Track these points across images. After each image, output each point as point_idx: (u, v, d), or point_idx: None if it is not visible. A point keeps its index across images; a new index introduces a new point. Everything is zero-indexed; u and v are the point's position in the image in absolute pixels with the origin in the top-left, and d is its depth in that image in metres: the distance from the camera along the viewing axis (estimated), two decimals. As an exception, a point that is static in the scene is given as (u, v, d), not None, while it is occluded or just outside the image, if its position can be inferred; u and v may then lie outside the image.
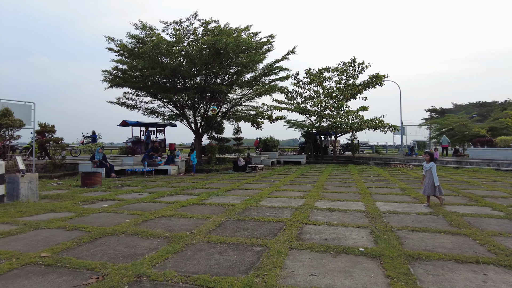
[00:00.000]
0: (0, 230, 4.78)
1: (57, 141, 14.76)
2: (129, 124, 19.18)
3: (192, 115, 19.11)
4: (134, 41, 16.41)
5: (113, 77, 16.99)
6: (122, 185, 10.59)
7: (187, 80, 17.74)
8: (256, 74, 18.76)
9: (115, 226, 5.07)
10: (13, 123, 11.47)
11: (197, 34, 16.85)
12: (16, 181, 7.05)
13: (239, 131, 22.32)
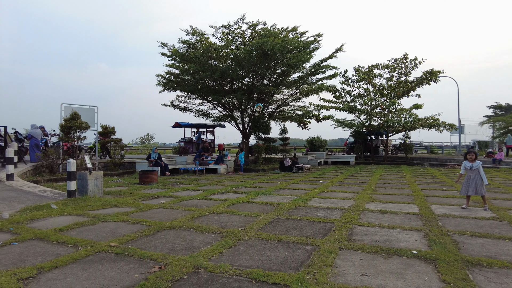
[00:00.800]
0: (75, 221, 5.37)
1: (117, 142, 15.97)
2: (182, 125, 20.13)
3: (239, 116, 19.58)
4: (185, 46, 17.23)
5: (167, 81, 17.98)
6: (176, 183, 11.20)
7: (235, 82, 18.22)
8: (303, 73, 18.72)
9: (173, 221, 5.44)
10: (80, 125, 12.63)
11: (245, 37, 17.23)
12: (85, 178, 7.80)
13: (285, 131, 22.39)
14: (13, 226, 5.00)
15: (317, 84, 19.62)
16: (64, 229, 4.90)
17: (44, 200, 7.24)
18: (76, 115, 12.57)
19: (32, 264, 3.47)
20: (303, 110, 21.20)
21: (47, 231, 4.75)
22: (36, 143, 12.93)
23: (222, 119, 20.31)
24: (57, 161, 12.52)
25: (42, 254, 3.81)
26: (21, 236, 4.51)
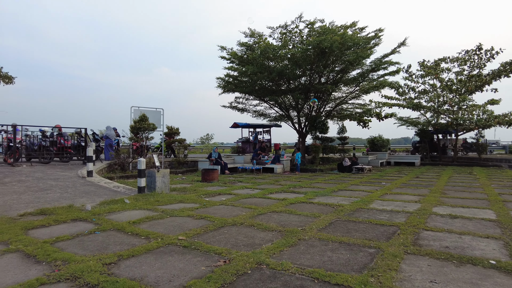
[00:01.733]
0: (146, 215, 5.84)
1: (180, 142, 16.92)
2: (239, 126, 20.65)
3: (296, 115, 19.52)
4: (243, 48, 17.64)
5: (226, 83, 18.57)
6: (235, 181, 11.55)
7: (292, 81, 18.20)
8: (363, 70, 18.07)
9: (234, 218, 5.65)
10: (148, 126, 13.62)
11: (302, 36, 17.13)
12: (153, 175, 8.41)
13: (344, 130, 21.79)
14: (95, 217, 5.60)
15: (378, 81, 18.80)
16: (137, 222, 5.35)
17: (118, 195, 7.96)
18: (144, 117, 13.58)
19: (113, 252, 3.87)
20: (363, 108, 20.44)
21: (122, 223, 5.23)
22: (110, 143, 14.23)
23: (278, 119, 20.42)
24: (128, 159, 13.64)
25: (120, 244, 4.22)
26: (102, 226, 5.03)
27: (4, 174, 9.26)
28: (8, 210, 6.08)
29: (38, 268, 3.39)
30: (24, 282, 3.00)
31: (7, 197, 6.96)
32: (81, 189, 8.33)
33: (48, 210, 6.04)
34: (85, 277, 3.10)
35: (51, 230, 4.84)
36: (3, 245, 4.11)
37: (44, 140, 12.31)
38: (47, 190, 7.89)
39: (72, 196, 7.48)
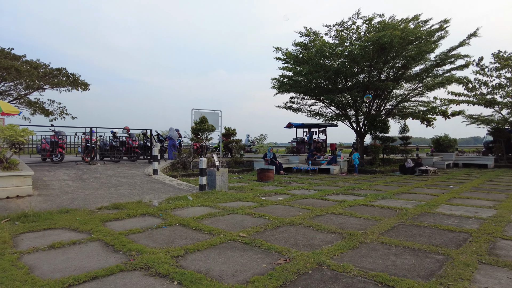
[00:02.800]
0: (208, 212, 6.13)
1: (237, 142, 17.36)
2: (294, 126, 20.59)
3: (353, 114, 18.92)
4: (298, 48, 17.54)
5: (281, 84, 18.63)
6: (290, 182, 11.57)
7: (349, 79, 17.68)
8: (427, 65, 16.91)
9: (292, 218, 5.69)
10: (207, 127, 14.19)
11: (360, 32, 16.57)
12: (213, 174, 8.77)
13: (406, 129, 20.56)
14: (161, 213, 6.01)
15: (444, 76, 17.45)
16: (200, 218, 5.64)
17: (182, 192, 8.43)
18: (204, 119, 14.19)
19: (179, 245, 4.13)
20: (427, 105, 19.11)
21: (187, 218, 5.55)
22: (173, 144, 15.08)
23: (334, 118, 19.96)
24: (189, 159, 14.35)
25: (185, 238, 4.50)
26: (169, 221, 5.39)
27: (83, 171, 10.32)
28: (88, 203, 6.78)
29: (116, 256, 3.75)
30: (106, 267, 3.35)
31: (86, 192, 7.77)
32: (148, 186, 8.97)
33: (120, 204, 6.62)
34: (157, 267, 3.37)
35: (124, 223, 5.31)
36: (87, 234, 4.62)
37: (114, 140, 13.46)
38: (119, 187, 8.63)
39: (140, 193, 8.10)
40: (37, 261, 3.59)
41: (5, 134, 7.49)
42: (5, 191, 6.82)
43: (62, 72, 25.92)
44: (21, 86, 25.07)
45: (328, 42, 16.43)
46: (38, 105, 25.81)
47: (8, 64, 21.63)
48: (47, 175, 9.26)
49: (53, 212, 5.78)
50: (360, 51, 15.12)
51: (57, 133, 12.13)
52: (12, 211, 5.86)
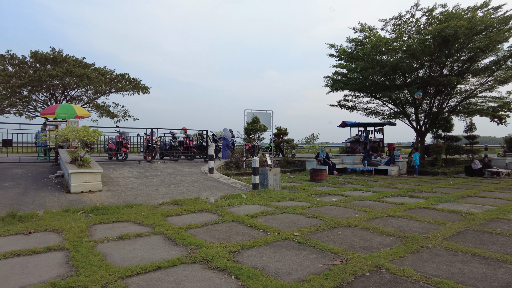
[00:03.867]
0: (262, 210, 6.22)
1: (289, 142, 17.34)
2: (348, 125, 20.01)
3: (413, 112, 17.88)
4: (353, 45, 17.03)
5: (334, 82, 18.23)
6: (345, 183, 11.27)
7: (408, 75, 16.76)
8: (499, 56, 15.40)
9: (347, 219, 5.55)
10: (259, 127, 14.37)
11: (419, 25, 15.62)
12: (266, 173, 8.87)
13: (472, 128, 18.93)
14: (218, 209, 6.23)
15: (520, 68, 15.75)
16: (254, 216, 5.75)
17: (236, 190, 8.65)
18: (256, 119, 14.39)
19: (236, 241, 4.26)
20: (499, 101, 17.39)
21: (242, 216, 5.69)
22: (227, 143, 15.51)
23: (392, 117, 19.03)
24: (242, 158, 14.66)
25: (241, 234, 4.62)
26: (225, 218, 5.57)
27: (145, 169, 11.04)
28: (150, 199, 7.25)
29: (177, 249, 3.97)
30: (168, 259, 3.57)
31: (149, 188, 8.31)
32: (204, 183, 9.34)
33: (179, 201, 6.98)
34: (215, 261, 3.51)
35: (184, 218, 5.59)
36: (150, 227, 4.95)
37: (173, 141, 14.20)
38: (177, 184, 9.10)
39: (198, 190, 8.46)
40: (108, 249, 3.93)
41: (79, 135, 8.30)
42: (80, 186, 7.56)
43: (125, 77, 27.98)
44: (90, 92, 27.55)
45: (385, 37, 15.73)
46: (105, 108, 28.15)
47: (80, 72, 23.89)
48: (114, 172, 10.06)
49: (120, 207, 6.28)
50: (420, 45, 14.26)
51: (121, 133, 13.13)
52: (86, 204, 6.48)
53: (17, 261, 3.53)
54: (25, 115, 25.82)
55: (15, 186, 7.67)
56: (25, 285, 2.95)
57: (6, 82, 23.23)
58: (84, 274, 3.13)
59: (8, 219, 5.21)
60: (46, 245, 4.01)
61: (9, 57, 24.41)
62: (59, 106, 13.52)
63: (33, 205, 6.28)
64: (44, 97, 26.32)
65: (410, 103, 17.62)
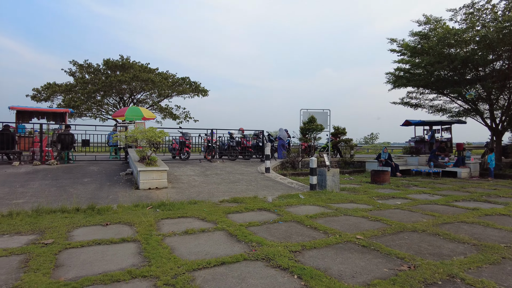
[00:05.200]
0: (321, 211, 6.13)
1: (347, 142, 16.83)
2: (412, 124, 18.84)
3: (487, 109, 16.25)
4: (416, 38, 15.98)
5: (396, 78, 17.28)
6: (409, 185, 10.63)
7: (481, 68, 15.26)
8: None
9: (414, 224, 5.23)
10: (316, 127, 14.15)
11: (496, 12, 14.13)
12: (324, 174, 8.71)
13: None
14: (276, 209, 6.27)
15: None
16: (313, 217, 5.68)
17: (293, 190, 8.62)
18: (313, 119, 14.20)
19: (296, 241, 4.25)
20: None
21: (301, 216, 5.66)
22: (283, 143, 15.53)
23: (462, 114, 17.50)
24: (297, 158, 14.56)
25: (301, 235, 4.59)
26: (283, 217, 5.59)
27: (206, 168, 11.50)
28: (211, 196, 7.54)
29: (239, 246, 4.08)
30: (232, 255, 3.68)
31: (210, 186, 8.64)
32: (261, 183, 9.46)
33: (238, 199, 7.15)
34: (277, 259, 3.54)
35: (244, 216, 5.72)
36: (213, 223, 5.15)
37: (231, 141, 14.60)
38: (236, 183, 9.33)
39: (255, 189, 8.59)
40: (175, 243, 4.17)
41: (147, 136, 8.92)
42: (148, 183, 8.12)
43: (186, 81, 29.41)
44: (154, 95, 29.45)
45: (453, 28, 14.51)
46: (168, 111, 29.85)
47: (146, 76, 25.64)
48: (177, 170, 10.63)
49: (184, 203, 6.62)
50: (497, 34, 12.89)
51: (184, 134, 13.83)
52: (153, 200, 6.94)
53: (98, 249, 3.91)
54: (99, 118, 28.45)
55: (92, 182, 8.48)
56: (106, 270, 3.26)
57: (84, 88, 25.82)
58: (155, 265, 3.36)
59: (89, 211, 5.79)
60: (121, 237, 4.38)
61: (86, 66, 27.09)
62: (128, 109, 14.66)
63: (107, 200, 6.89)
64: (114, 101, 28.77)
65: (483, 100, 16.04)
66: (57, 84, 26.23)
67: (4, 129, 11.14)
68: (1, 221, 5.04)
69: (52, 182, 8.20)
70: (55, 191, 7.35)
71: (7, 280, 3.05)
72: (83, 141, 12.58)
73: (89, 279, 3.02)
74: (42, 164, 10.78)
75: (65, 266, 3.39)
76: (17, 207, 5.84)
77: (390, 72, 17.57)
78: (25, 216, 5.35)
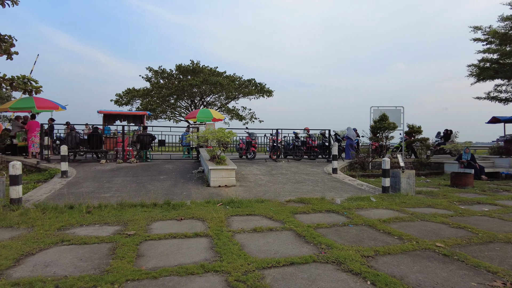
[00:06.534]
0: (395, 216, 5.75)
1: (423, 141, 15.59)
2: (501, 121, 16.73)
3: None
4: (508, 23, 14.16)
5: (481, 70, 15.53)
6: (498, 189, 9.45)
7: None
8: None
9: (507, 234, 4.62)
10: (388, 126, 13.35)
11: None
12: (398, 175, 8.17)
13: None
14: (345, 211, 6.05)
15: None
16: (386, 221, 5.35)
17: (363, 192, 8.24)
18: (384, 117, 13.42)
19: (368, 246, 4.04)
20: None
21: (372, 220, 5.37)
22: (351, 143, 14.96)
23: None
24: (367, 159, 13.89)
25: (373, 239, 4.36)
26: (353, 220, 5.37)
27: (271, 167, 11.59)
28: (278, 196, 7.56)
29: (307, 247, 4.01)
30: (300, 256, 3.64)
31: (276, 186, 8.68)
32: (328, 184, 9.22)
33: (305, 199, 7.06)
34: (348, 264, 3.40)
35: (311, 217, 5.62)
36: (280, 223, 5.15)
37: (296, 140, 14.49)
38: (302, 183, 9.23)
39: (322, 190, 8.40)
40: (244, 240, 4.26)
41: (217, 136, 9.29)
42: (218, 181, 8.45)
43: (252, 82, 30.02)
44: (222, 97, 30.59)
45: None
46: (234, 112, 30.78)
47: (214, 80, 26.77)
48: (244, 169, 10.88)
49: (252, 201, 6.74)
50: None
51: (250, 134, 14.11)
52: (223, 197, 7.19)
53: (174, 242, 4.16)
54: (172, 120, 30.50)
55: (168, 179, 9.09)
56: (181, 263, 3.45)
57: (159, 92, 27.90)
58: (226, 261, 3.47)
59: (165, 206, 6.21)
60: (194, 231, 4.61)
61: (160, 71, 29.25)
62: (199, 111, 15.46)
63: (181, 196, 7.32)
64: (186, 103, 30.58)
65: None
66: (136, 90, 28.75)
67: (94, 131, 12.52)
68: (93, 212, 5.67)
69: (132, 179, 8.99)
70: (135, 187, 8.04)
71: (100, 264, 3.40)
72: (159, 141, 13.59)
73: (166, 270, 3.22)
74: (124, 162, 11.89)
75: (145, 256, 3.67)
76: (105, 200, 6.52)
77: (473, 64, 15.85)
78: (111, 208, 5.94)
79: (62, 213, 5.57)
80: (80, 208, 5.86)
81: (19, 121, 13.07)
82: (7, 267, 3.33)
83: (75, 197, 6.80)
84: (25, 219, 5.13)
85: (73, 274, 3.15)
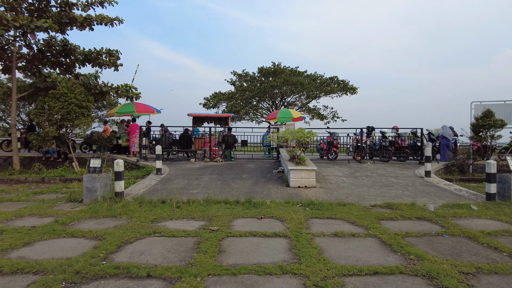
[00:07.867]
0: (504, 228, 4.93)
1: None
2: None
3: None
4: None
5: None
6: None
7: None
8: None
9: None
10: (494, 123, 11.65)
11: None
12: (507, 181, 7.02)
13: None
14: (440, 219, 5.42)
15: None
16: (492, 234, 4.63)
17: (461, 199, 7.29)
18: (489, 113, 11.74)
19: (468, 261, 3.54)
20: None
21: (474, 231, 4.70)
22: (447, 143, 13.42)
23: None
24: (467, 161, 12.30)
25: (474, 254, 3.80)
26: (450, 230, 4.77)
27: (355, 169, 11.06)
28: (361, 199, 7.16)
29: (394, 257, 3.69)
30: (386, 266, 3.36)
31: (359, 189, 8.24)
32: (420, 188, 8.40)
33: (393, 204, 6.54)
34: (441, 279, 3.02)
35: (399, 224, 5.18)
36: (363, 229, 4.85)
37: (384, 140, 13.58)
38: (389, 186, 8.58)
39: (413, 195, 7.68)
40: (324, 244, 4.11)
41: (296, 136, 9.23)
42: (297, 181, 8.38)
43: (334, 80, 29.16)
44: (303, 97, 30.38)
45: None
46: (315, 111, 30.30)
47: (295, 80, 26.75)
48: (325, 170, 10.59)
49: (333, 204, 6.50)
50: None
51: (332, 134, 13.70)
52: (303, 198, 7.09)
53: (253, 240, 4.24)
54: (254, 121, 31.42)
55: (249, 178, 9.36)
56: (260, 262, 3.49)
57: (242, 95, 29.02)
58: (305, 264, 3.39)
59: (246, 204, 6.39)
60: (273, 231, 4.63)
61: (244, 75, 30.37)
62: (279, 111, 15.61)
63: (262, 195, 7.45)
64: (267, 104, 31.19)
65: None
66: (222, 93, 30.36)
67: (185, 132, 13.58)
68: (182, 207, 6.13)
69: (217, 177, 9.48)
70: (220, 185, 8.46)
71: (185, 257, 3.64)
72: (242, 141, 14.11)
73: (245, 268, 3.29)
74: (211, 161, 12.64)
75: (226, 252, 3.80)
76: (192, 196, 6.99)
77: None
78: (198, 204, 6.34)
79: (155, 206, 6.15)
80: (171, 203, 6.39)
81: (124, 124, 14.91)
82: (111, 252, 3.79)
83: (167, 193, 7.45)
84: (126, 211, 5.79)
85: (161, 264, 3.43)
